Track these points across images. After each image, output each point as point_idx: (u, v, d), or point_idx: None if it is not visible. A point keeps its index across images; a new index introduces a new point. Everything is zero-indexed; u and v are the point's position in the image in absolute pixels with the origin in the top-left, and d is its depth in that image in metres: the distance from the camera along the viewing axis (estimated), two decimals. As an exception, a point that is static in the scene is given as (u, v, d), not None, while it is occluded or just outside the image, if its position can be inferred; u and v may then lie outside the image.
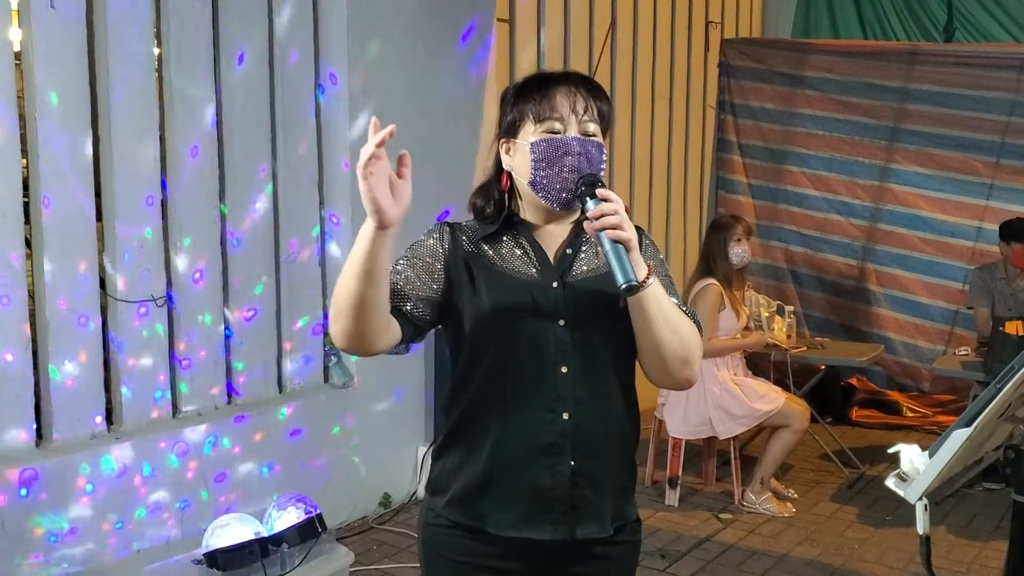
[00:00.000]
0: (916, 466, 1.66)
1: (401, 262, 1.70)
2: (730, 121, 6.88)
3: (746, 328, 4.71)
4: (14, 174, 3.24)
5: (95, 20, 3.45)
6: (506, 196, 1.73)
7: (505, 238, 1.72)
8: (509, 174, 1.72)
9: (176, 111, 3.68)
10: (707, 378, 4.54)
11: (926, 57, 6.23)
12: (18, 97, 3.27)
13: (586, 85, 1.69)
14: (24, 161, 3.32)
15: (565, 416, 1.64)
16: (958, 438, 1.63)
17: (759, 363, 5.13)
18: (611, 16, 6.19)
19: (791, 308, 5.38)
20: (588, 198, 1.56)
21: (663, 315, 1.59)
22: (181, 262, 3.75)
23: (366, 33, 4.22)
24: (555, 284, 1.68)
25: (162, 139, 3.67)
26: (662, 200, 6.88)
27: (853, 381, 6.39)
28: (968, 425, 1.63)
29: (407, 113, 4.36)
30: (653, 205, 6.78)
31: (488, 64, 4.78)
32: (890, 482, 1.70)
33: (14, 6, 3.27)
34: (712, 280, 4.55)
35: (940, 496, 4.61)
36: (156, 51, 3.65)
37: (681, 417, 4.62)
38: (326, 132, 4.27)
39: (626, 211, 1.55)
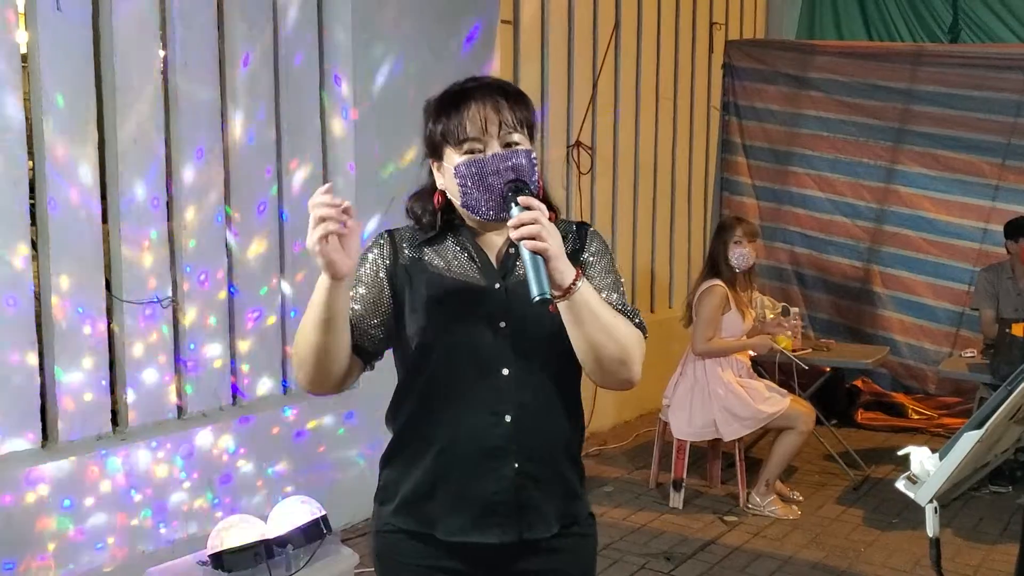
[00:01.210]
0: (926, 468, 1.66)
1: (351, 295, 1.69)
2: (734, 122, 6.86)
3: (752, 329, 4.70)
4: (20, 176, 3.24)
5: (101, 22, 3.45)
6: (440, 210, 1.71)
7: (448, 239, 1.71)
8: (443, 192, 1.70)
9: (181, 113, 3.68)
10: (711, 379, 4.53)
11: (931, 58, 6.20)
12: (24, 99, 3.28)
13: (499, 94, 1.66)
14: (30, 163, 3.32)
15: (508, 419, 1.65)
16: (968, 440, 1.63)
17: (763, 365, 5.11)
18: (615, 18, 6.19)
19: (796, 310, 5.37)
20: (513, 204, 1.54)
21: (594, 317, 1.56)
22: (186, 264, 3.75)
23: (371, 35, 4.22)
24: (497, 285, 1.68)
25: (167, 141, 3.68)
26: (666, 201, 6.87)
27: (858, 383, 6.37)
28: (979, 427, 1.62)
29: (410, 115, 4.34)
30: (657, 207, 6.77)
31: (492, 67, 4.77)
32: (900, 484, 1.70)
33: (20, 8, 3.28)
34: (717, 281, 4.54)
35: (947, 499, 4.59)
36: (162, 53, 3.65)
37: (686, 419, 4.61)
38: (330, 133, 4.27)
39: (551, 219, 1.53)
